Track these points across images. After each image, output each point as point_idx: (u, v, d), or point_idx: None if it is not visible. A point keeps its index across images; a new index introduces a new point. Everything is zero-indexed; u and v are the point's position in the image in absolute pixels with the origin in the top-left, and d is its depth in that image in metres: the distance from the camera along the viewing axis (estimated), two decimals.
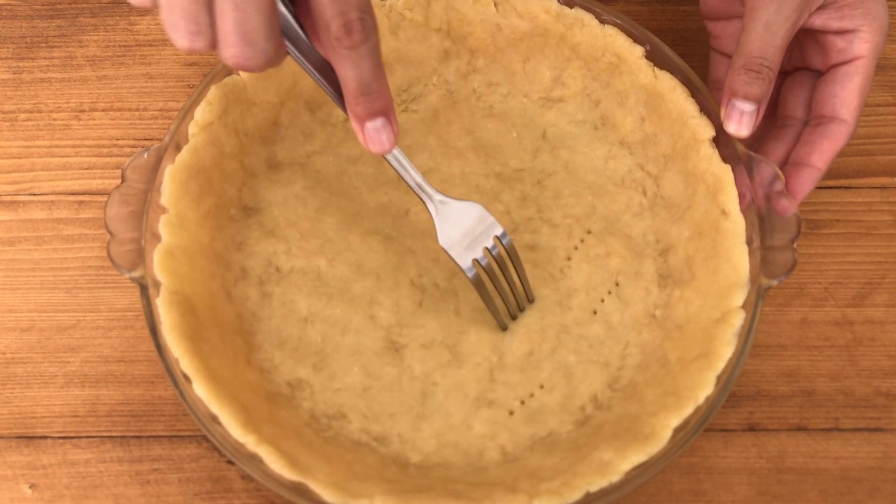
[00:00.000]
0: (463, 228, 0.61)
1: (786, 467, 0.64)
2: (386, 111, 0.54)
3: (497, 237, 0.62)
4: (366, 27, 0.50)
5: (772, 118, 0.71)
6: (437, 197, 0.61)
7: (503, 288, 0.63)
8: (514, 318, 0.65)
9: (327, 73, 0.54)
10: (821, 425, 0.66)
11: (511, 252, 0.63)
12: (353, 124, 0.55)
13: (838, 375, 0.67)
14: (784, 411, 0.66)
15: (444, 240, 0.61)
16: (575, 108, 0.74)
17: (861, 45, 0.64)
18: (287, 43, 0.53)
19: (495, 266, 0.62)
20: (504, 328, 0.65)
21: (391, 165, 0.59)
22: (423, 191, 0.61)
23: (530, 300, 0.66)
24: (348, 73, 0.52)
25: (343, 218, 0.69)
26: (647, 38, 0.70)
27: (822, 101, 0.66)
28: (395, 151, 0.59)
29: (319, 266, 0.67)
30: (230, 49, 0.49)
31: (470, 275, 0.61)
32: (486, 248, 0.61)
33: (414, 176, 0.60)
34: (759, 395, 0.67)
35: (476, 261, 0.61)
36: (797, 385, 0.67)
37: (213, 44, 0.49)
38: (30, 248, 0.71)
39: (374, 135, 0.54)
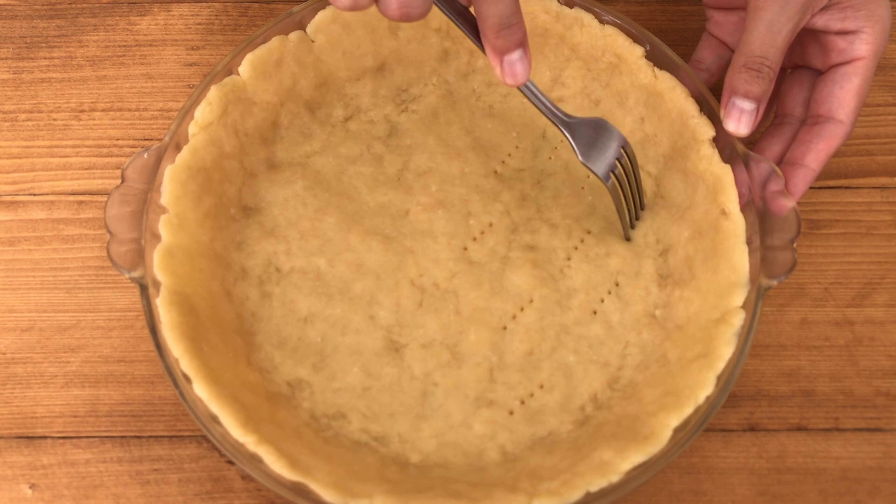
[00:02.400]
0: (596, 145, 0.65)
1: (786, 467, 0.64)
2: (523, 42, 0.56)
3: (622, 147, 0.66)
4: None
5: (767, 115, 0.71)
6: (570, 120, 0.65)
7: (629, 195, 0.67)
8: (632, 226, 0.69)
9: (465, 16, 0.59)
10: (821, 425, 0.66)
11: (632, 159, 0.66)
12: (491, 58, 0.57)
13: (838, 375, 0.67)
14: (784, 411, 0.66)
15: (584, 158, 0.65)
16: (575, 108, 0.74)
17: (862, 47, 0.64)
18: None
19: (623, 175, 0.66)
20: (628, 239, 0.69)
21: (524, 95, 0.63)
22: (555, 116, 0.64)
23: (642, 208, 0.69)
24: (489, 10, 0.54)
25: (343, 218, 0.69)
26: (647, 38, 0.70)
27: (820, 100, 0.66)
28: (529, 83, 0.62)
29: (319, 266, 0.67)
30: (396, 1, 0.52)
31: (609, 185, 0.66)
32: (618, 160, 0.66)
33: (548, 104, 0.64)
34: (759, 395, 0.67)
35: (613, 173, 0.66)
36: (797, 385, 0.67)
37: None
38: (30, 248, 0.71)
39: (510, 67, 0.57)
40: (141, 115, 0.77)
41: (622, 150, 0.66)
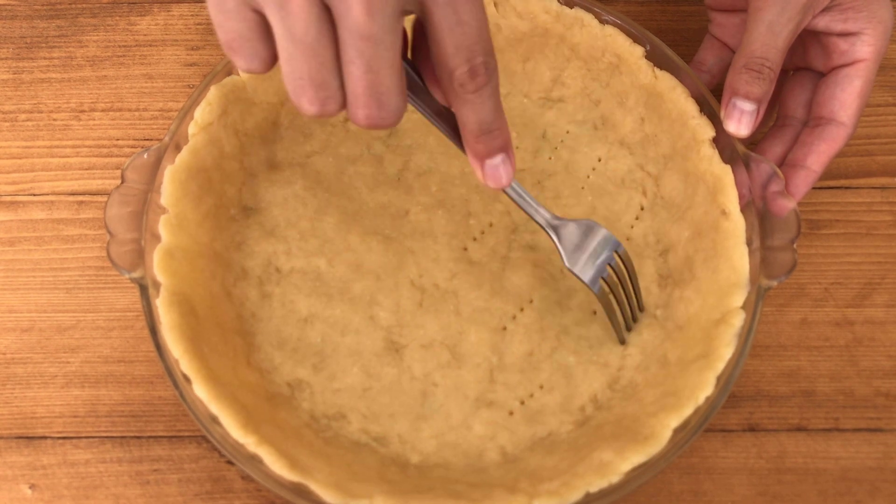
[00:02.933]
0: (585, 248, 0.62)
1: (786, 467, 0.64)
2: (505, 147, 0.54)
3: (616, 251, 0.62)
4: (489, 70, 0.49)
5: (769, 117, 0.71)
6: (556, 222, 0.62)
7: (622, 300, 0.64)
8: (629, 329, 0.65)
9: (444, 115, 0.55)
10: (821, 425, 0.66)
11: (627, 263, 0.63)
12: (472, 161, 0.54)
13: (838, 375, 0.67)
14: (784, 411, 0.66)
15: (570, 263, 0.62)
16: (575, 108, 0.74)
17: (863, 48, 0.64)
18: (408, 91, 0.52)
19: (616, 280, 0.63)
20: (623, 342, 0.65)
21: (509, 197, 0.60)
22: (542, 217, 0.61)
23: (641, 309, 0.66)
24: (470, 116, 0.51)
25: (343, 218, 0.69)
26: (647, 38, 0.70)
27: (821, 102, 0.66)
28: (513, 184, 0.59)
29: (319, 266, 0.67)
30: (364, 110, 0.48)
31: (597, 292, 0.62)
32: (610, 266, 0.62)
33: (533, 205, 0.61)
34: (759, 396, 0.67)
35: (602, 278, 0.62)
36: (797, 385, 0.67)
37: (343, 106, 0.49)
38: (30, 249, 0.71)
39: (493, 171, 0.54)
40: (141, 116, 0.77)
41: (615, 255, 0.62)
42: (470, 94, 0.50)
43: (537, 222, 0.61)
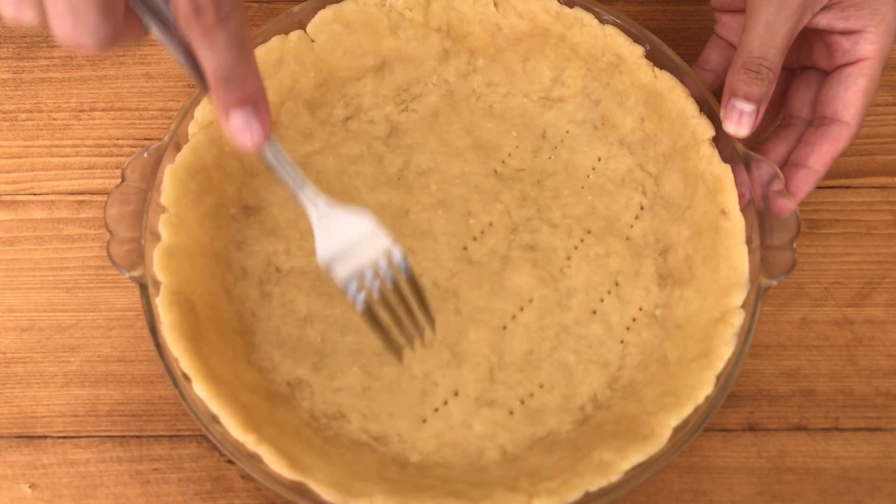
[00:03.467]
0: (349, 242, 0.53)
1: (786, 467, 0.64)
2: (253, 99, 0.47)
3: (388, 252, 0.53)
4: (220, 9, 0.43)
5: (776, 117, 0.71)
6: (322, 202, 0.52)
7: (399, 314, 0.55)
8: (412, 345, 0.58)
9: (192, 56, 0.46)
10: (821, 425, 0.66)
11: (406, 272, 0.54)
12: (218, 115, 0.47)
13: (838, 375, 0.67)
14: (784, 411, 0.66)
15: (323, 254, 0.52)
16: (575, 108, 0.74)
17: (866, 47, 0.63)
18: (149, 19, 0.46)
19: (387, 289, 0.53)
20: (400, 358, 0.57)
21: (266, 163, 0.51)
22: (304, 192, 0.52)
23: (431, 325, 0.58)
24: (205, 59, 0.45)
25: None
26: (647, 38, 0.70)
27: (825, 102, 0.65)
28: (271, 146, 0.51)
29: (319, 266, 0.67)
30: (59, 26, 0.43)
31: (357, 302, 0.52)
32: (377, 270, 0.52)
33: (293, 175, 0.52)
34: (759, 395, 0.67)
35: (368, 290, 0.52)
36: (797, 385, 0.67)
37: (44, 18, 0.43)
38: (30, 248, 0.71)
39: (239, 126, 0.47)
40: (141, 115, 0.77)
41: (387, 261, 0.52)
42: (198, 36, 0.44)
43: (297, 198, 0.52)
